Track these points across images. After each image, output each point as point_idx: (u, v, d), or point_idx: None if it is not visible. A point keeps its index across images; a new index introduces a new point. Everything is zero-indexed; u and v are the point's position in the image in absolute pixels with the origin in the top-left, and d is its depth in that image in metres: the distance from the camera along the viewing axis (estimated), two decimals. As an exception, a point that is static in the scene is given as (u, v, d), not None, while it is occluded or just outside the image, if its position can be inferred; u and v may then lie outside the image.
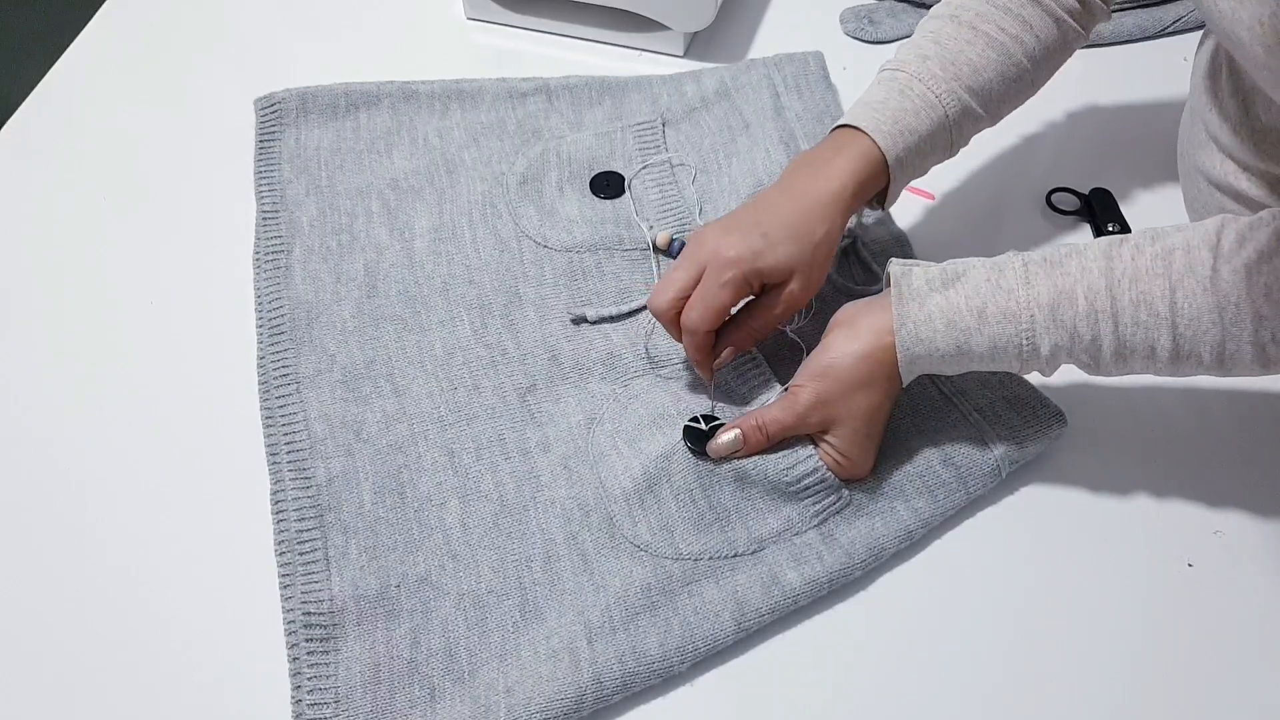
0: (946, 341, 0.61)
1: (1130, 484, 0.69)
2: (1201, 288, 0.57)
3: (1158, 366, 0.60)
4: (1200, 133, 0.75)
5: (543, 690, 0.59)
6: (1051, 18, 0.71)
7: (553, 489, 0.68)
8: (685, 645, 0.61)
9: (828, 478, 0.66)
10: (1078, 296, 0.59)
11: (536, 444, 0.70)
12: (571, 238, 0.81)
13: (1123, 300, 0.58)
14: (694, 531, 0.65)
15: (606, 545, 0.65)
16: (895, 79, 0.70)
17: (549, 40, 0.98)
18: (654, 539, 0.65)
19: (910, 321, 0.61)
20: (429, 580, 0.64)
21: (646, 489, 0.66)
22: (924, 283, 0.62)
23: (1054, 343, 0.60)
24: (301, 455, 0.69)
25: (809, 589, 0.63)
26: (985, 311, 0.60)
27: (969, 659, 0.63)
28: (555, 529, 0.66)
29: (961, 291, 0.61)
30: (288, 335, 0.75)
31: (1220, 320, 0.57)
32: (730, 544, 0.65)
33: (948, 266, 0.63)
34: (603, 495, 0.67)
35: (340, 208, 0.83)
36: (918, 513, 0.66)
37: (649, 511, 0.66)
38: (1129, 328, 0.58)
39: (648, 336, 0.74)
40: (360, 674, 0.61)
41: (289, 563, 0.64)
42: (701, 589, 0.63)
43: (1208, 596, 0.65)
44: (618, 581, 0.63)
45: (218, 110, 0.92)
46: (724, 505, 0.66)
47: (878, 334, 0.63)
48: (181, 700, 0.61)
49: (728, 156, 0.87)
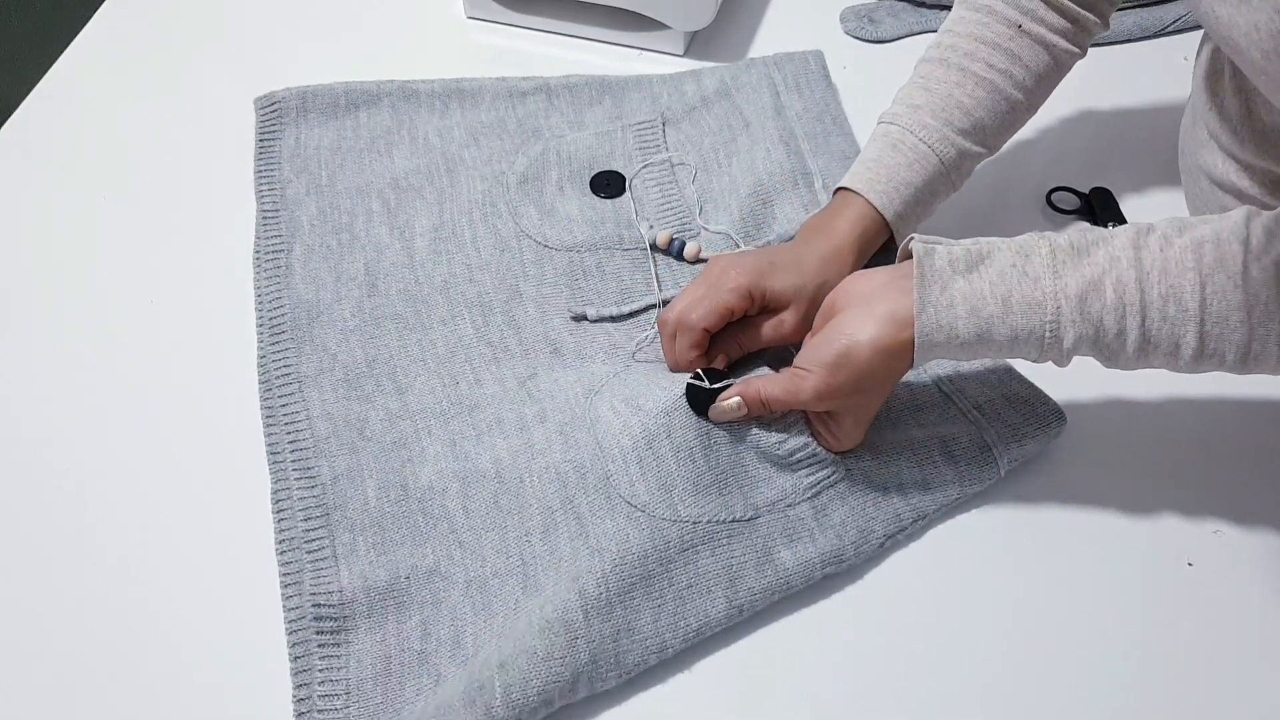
0: (968, 329, 0.58)
1: (1130, 483, 0.69)
2: (1233, 284, 0.55)
3: (1179, 363, 0.58)
4: (1201, 131, 0.75)
5: (538, 669, 0.58)
6: (1041, 45, 0.72)
7: (547, 455, 0.67)
8: (678, 622, 0.61)
9: (819, 452, 0.66)
10: (1106, 288, 0.57)
11: (533, 416, 0.70)
12: (572, 237, 0.81)
13: (1152, 294, 0.56)
14: (692, 493, 0.64)
15: (603, 507, 0.64)
16: (889, 134, 0.73)
17: (549, 39, 0.98)
18: (651, 498, 0.64)
19: (931, 306, 0.58)
20: (438, 571, 0.65)
21: (646, 445, 0.65)
22: (947, 264, 0.59)
23: (1078, 334, 0.57)
24: (306, 454, 0.69)
25: (801, 569, 0.64)
26: (1010, 300, 0.58)
27: (967, 655, 0.63)
28: (552, 495, 0.66)
29: (986, 277, 0.58)
30: (288, 334, 0.75)
31: (1248, 320, 0.55)
32: (727, 508, 0.65)
33: (971, 247, 0.60)
34: (600, 456, 0.66)
35: (340, 207, 0.83)
36: (909, 498, 0.66)
37: (647, 470, 0.65)
38: (1156, 322, 0.56)
39: (647, 343, 0.74)
40: (372, 666, 0.61)
41: (293, 561, 0.64)
42: (697, 557, 0.63)
43: (1208, 596, 0.65)
44: (614, 546, 0.62)
45: (218, 109, 0.92)
46: (722, 467, 0.65)
47: (897, 323, 0.59)
48: (181, 699, 0.61)
49: (728, 156, 0.87)
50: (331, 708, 0.59)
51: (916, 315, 0.58)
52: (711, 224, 0.82)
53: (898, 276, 0.61)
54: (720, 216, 0.82)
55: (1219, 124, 0.72)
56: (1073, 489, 0.69)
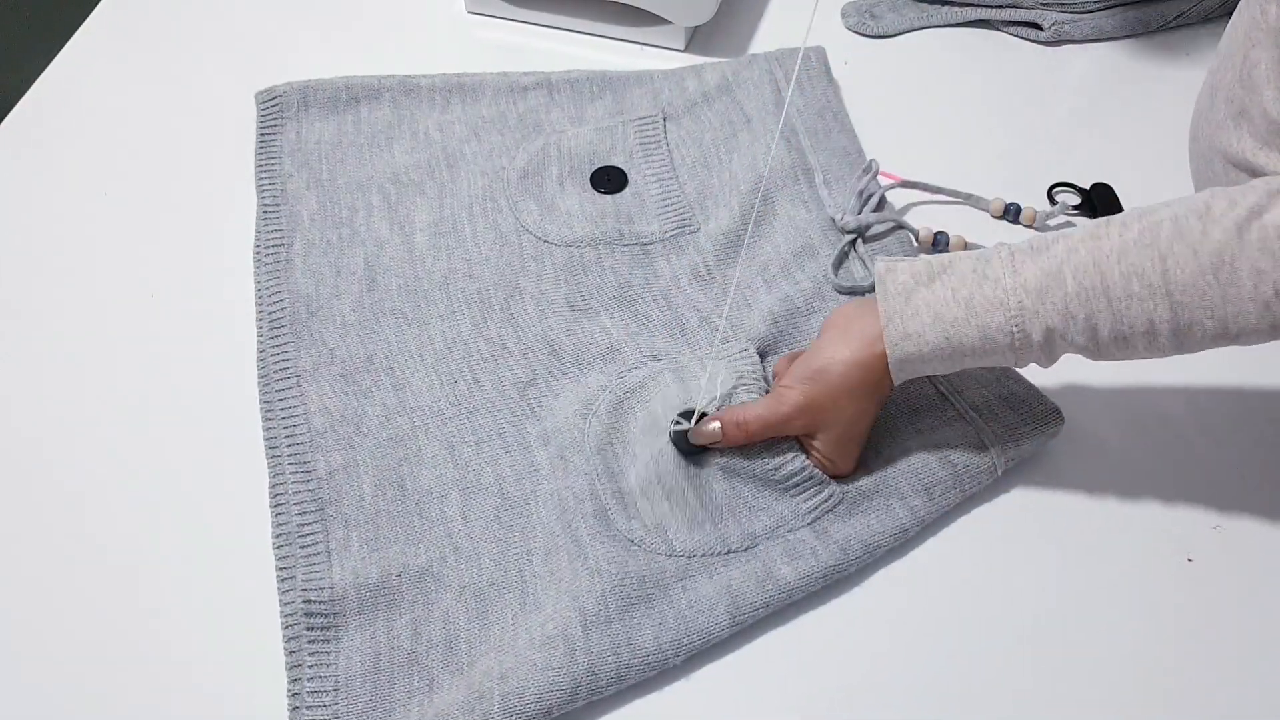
0: (935, 335, 0.60)
1: (1129, 479, 0.69)
2: (1192, 251, 0.55)
3: (1161, 344, 0.58)
4: (1221, 112, 0.74)
5: (537, 679, 0.59)
6: None
7: (552, 481, 0.68)
8: (680, 639, 0.61)
9: (816, 474, 0.66)
10: (1065, 277, 0.58)
11: (536, 438, 0.70)
12: (572, 232, 0.81)
13: (1112, 275, 0.57)
14: (687, 530, 0.65)
15: (602, 533, 0.65)
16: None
17: (550, 34, 0.98)
18: (647, 536, 0.65)
19: (897, 318, 0.61)
20: (430, 572, 0.65)
21: (640, 494, 0.66)
22: (909, 278, 0.61)
23: (1046, 326, 0.58)
24: (302, 449, 0.69)
25: (803, 583, 0.63)
26: (972, 302, 0.59)
27: (966, 655, 0.63)
28: (553, 520, 0.66)
29: (948, 284, 0.60)
30: (288, 329, 0.75)
31: (1217, 281, 0.55)
32: (724, 541, 0.65)
33: (933, 260, 0.62)
34: (596, 489, 0.67)
35: (341, 201, 0.83)
36: (913, 510, 0.66)
37: (643, 512, 0.66)
38: (1123, 302, 0.57)
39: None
40: (360, 663, 0.61)
41: (288, 555, 0.64)
42: (696, 584, 0.63)
43: (1207, 591, 0.65)
44: (613, 568, 0.63)
45: (218, 103, 0.92)
46: (716, 504, 0.66)
47: (869, 341, 0.62)
48: (174, 691, 0.61)
49: (729, 152, 0.87)
50: (320, 704, 0.59)
51: (884, 328, 0.61)
52: (711, 220, 0.82)
53: (870, 302, 0.64)
54: (720, 213, 0.82)
55: (1246, 99, 0.70)
56: (1071, 485, 0.69)
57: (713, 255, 0.80)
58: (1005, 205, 0.82)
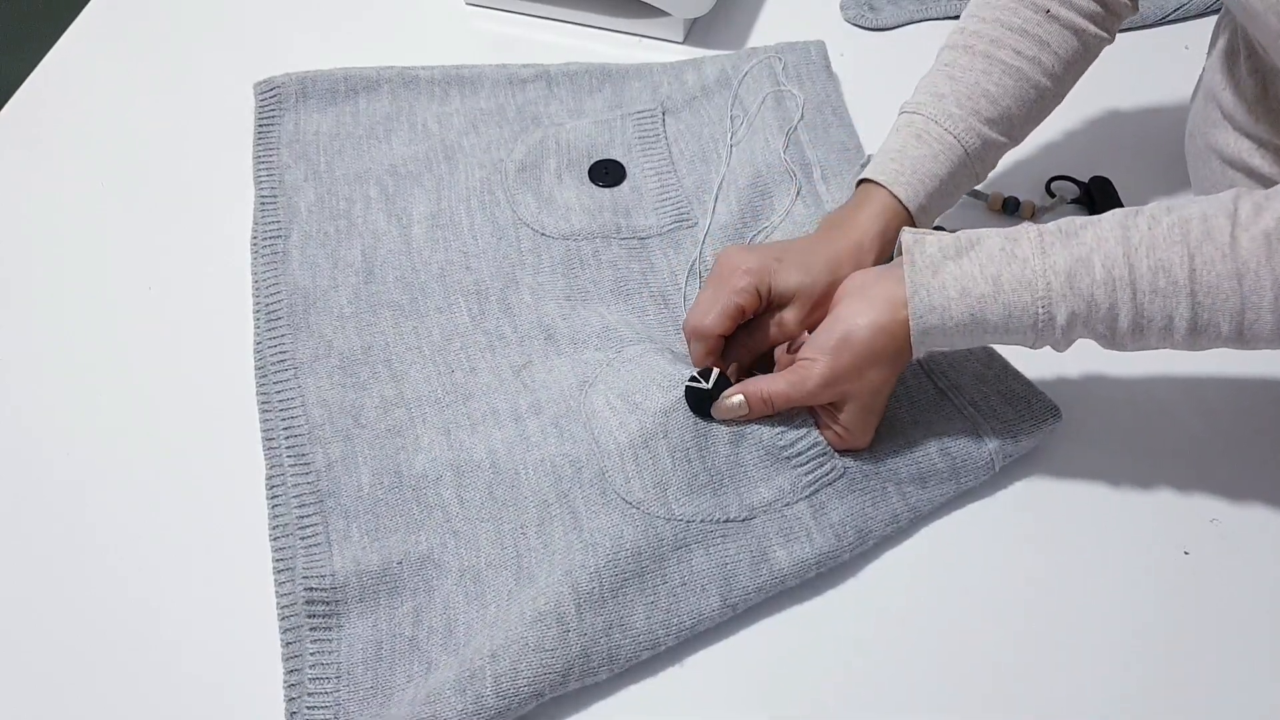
0: (960, 310, 0.60)
1: (1126, 472, 0.69)
2: (1220, 254, 0.56)
3: (1175, 340, 0.58)
4: (1214, 112, 0.74)
5: (529, 660, 0.59)
6: (1070, 30, 0.70)
7: (542, 448, 0.68)
8: (671, 619, 0.61)
9: (819, 443, 0.66)
10: (1095, 264, 0.57)
11: (528, 408, 0.70)
12: (569, 225, 0.81)
13: (1140, 268, 0.57)
14: (687, 492, 0.65)
15: (597, 502, 0.65)
16: (913, 123, 0.71)
17: (549, 26, 0.98)
18: (646, 496, 0.64)
19: (923, 290, 0.60)
20: (431, 559, 0.65)
21: (642, 444, 0.65)
22: (937, 250, 0.61)
23: (1070, 311, 0.58)
24: (300, 440, 0.69)
25: (796, 569, 0.64)
26: (1000, 279, 0.59)
27: (963, 647, 0.63)
28: (547, 488, 0.66)
29: (976, 260, 0.60)
30: (285, 321, 0.75)
31: (1240, 288, 0.56)
32: (722, 508, 0.65)
33: (961, 235, 0.61)
34: (596, 451, 0.66)
35: (339, 193, 0.83)
36: (907, 498, 0.66)
37: (643, 467, 0.65)
38: (1147, 295, 0.57)
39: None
40: (363, 651, 0.61)
41: (286, 546, 0.64)
42: (690, 555, 0.63)
43: (1204, 584, 0.65)
44: (608, 541, 0.63)
45: (217, 94, 0.91)
46: (718, 468, 0.66)
47: (893, 305, 0.61)
48: (172, 681, 0.61)
49: (728, 146, 0.86)
50: (322, 691, 0.59)
51: (909, 299, 0.60)
52: (709, 215, 0.82)
53: (893, 267, 0.63)
54: (719, 207, 0.82)
55: (1234, 103, 0.71)
56: (1069, 479, 0.69)
57: (710, 250, 0.80)
58: (1004, 199, 0.82)
